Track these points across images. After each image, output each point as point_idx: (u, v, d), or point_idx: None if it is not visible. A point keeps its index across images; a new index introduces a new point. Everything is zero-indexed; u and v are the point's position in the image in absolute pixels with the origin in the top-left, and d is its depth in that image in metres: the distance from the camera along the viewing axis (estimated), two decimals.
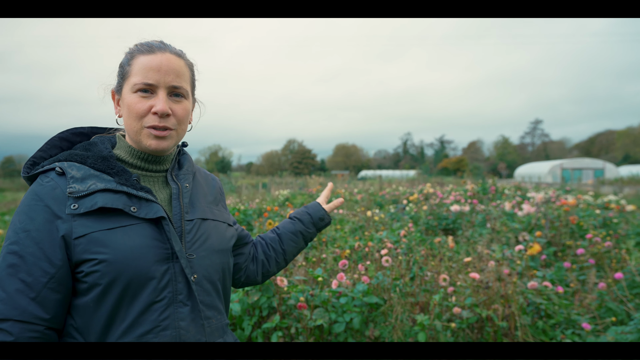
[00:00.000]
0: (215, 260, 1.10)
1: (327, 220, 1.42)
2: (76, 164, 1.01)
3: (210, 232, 1.11)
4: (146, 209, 0.99)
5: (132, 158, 1.09)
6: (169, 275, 0.99)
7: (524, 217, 5.88)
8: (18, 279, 0.90)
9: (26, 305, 0.90)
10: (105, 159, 1.03)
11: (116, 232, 0.95)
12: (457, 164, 59.79)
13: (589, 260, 3.44)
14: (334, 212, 9.80)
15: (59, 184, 0.97)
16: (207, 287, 1.06)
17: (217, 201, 1.22)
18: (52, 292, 0.92)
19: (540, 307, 2.78)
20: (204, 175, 1.26)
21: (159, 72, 1.02)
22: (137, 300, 0.95)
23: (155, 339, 0.96)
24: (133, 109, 1.02)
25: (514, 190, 13.13)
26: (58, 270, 0.92)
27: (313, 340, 2.74)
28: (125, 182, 1.00)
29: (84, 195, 0.95)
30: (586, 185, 23.38)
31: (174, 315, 0.99)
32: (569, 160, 39.61)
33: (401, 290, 2.91)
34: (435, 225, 7.35)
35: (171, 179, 1.12)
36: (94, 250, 0.93)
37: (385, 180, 24.50)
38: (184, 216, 1.06)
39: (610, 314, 2.87)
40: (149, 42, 1.07)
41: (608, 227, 5.64)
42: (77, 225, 0.93)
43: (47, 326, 0.92)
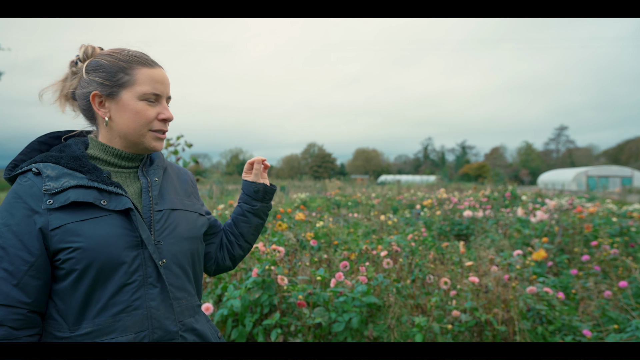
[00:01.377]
0: (184, 246, 1.20)
1: (259, 187, 1.41)
2: (51, 164, 1.11)
3: (179, 221, 1.21)
4: (115, 202, 1.09)
5: (107, 155, 1.19)
6: (139, 260, 1.09)
7: (538, 223, 5.81)
8: (1, 268, 1.01)
9: (9, 291, 1.00)
10: (77, 158, 1.14)
11: (88, 222, 1.05)
12: (478, 169, 58.91)
13: (595, 267, 3.39)
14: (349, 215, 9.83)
15: (35, 182, 1.08)
16: (176, 271, 1.17)
17: (188, 193, 1.32)
18: (32, 278, 1.03)
19: (541, 312, 2.77)
20: (176, 170, 1.37)
21: (163, 84, 1.18)
22: (110, 282, 1.06)
23: (128, 317, 1.07)
24: (143, 115, 1.15)
25: (534, 197, 12.91)
26: (37, 259, 1.03)
27: (312, 338, 2.79)
28: (96, 178, 1.11)
29: (58, 191, 1.06)
30: (612, 193, 22.76)
31: (144, 295, 1.09)
32: (594, 168, 38.58)
33: (400, 292, 2.94)
34: (448, 230, 7.32)
35: (142, 174, 1.23)
36: (69, 240, 1.03)
37: (405, 185, 24.37)
38: (153, 207, 1.17)
39: (613, 322, 2.84)
40: (142, 55, 1.18)
41: (625, 235, 5.52)
42: (53, 218, 1.04)
43: (29, 309, 1.03)
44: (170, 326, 1.13)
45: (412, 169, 76.62)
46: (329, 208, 12.90)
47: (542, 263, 3.91)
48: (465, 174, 59.30)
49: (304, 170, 67.86)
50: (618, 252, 3.61)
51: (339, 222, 8.55)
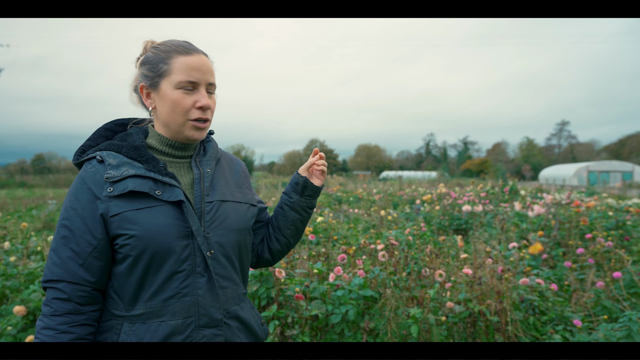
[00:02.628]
0: (232, 238, 1.23)
1: (300, 180, 1.40)
2: (113, 152, 1.18)
3: (228, 212, 1.24)
4: (169, 193, 1.15)
5: (162, 145, 1.24)
6: (188, 250, 1.14)
7: (535, 217, 5.85)
8: (69, 248, 1.10)
9: (76, 270, 1.10)
10: (137, 148, 1.20)
11: (143, 212, 1.11)
12: (480, 165, 58.82)
13: (589, 259, 3.44)
14: (350, 211, 9.88)
15: (99, 170, 1.15)
16: (223, 261, 1.21)
17: (239, 184, 1.35)
18: (95, 260, 1.12)
19: (534, 303, 2.83)
20: (229, 160, 1.39)
21: (200, 71, 1.18)
22: (162, 269, 1.12)
23: (177, 303, 1.14)
24: (179, 104, 1.17)
25: (534, 192, 12.93)
26: (99, 242, 1.12)
27: (308, 330, 2.85)
28: (153, 168, 1.16)
29: (118, 180, 1.13)
30: (612, 188, 22.75)
31: (193, 284, 1.15)
32: (596, 163, 38.52)
33: (396, 285, 2.99)
34: (447, 225, 7.37)
35: (195, 164, 1.26)
36: (126, 227, 1.10)
37: (407, 181, 24.39)
38: (204, 198, 1.21)
39: (606, 312, 2.89)
40: (182, 44, 1.21)
41: (621, 229, 5.56)
42: (113, 205, 1.11)
43: (92, 287, 1.12)
44: (216, 314, 1.19)
45: (414, 165, 76.51)
46: (330, 204, 12.96)
47: (538, 256, 3.96)
48: (467, 169, 59.21)
49: None
50: (612, 244, 3.66)
51: (339, 217, 8.60)
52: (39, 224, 10.09)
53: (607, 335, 2.39)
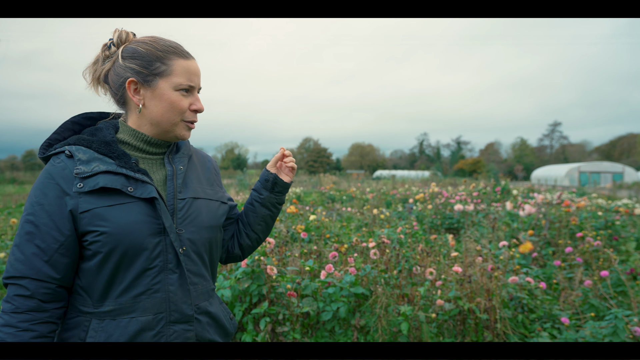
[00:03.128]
0: (204, 235, 1.24)
1: (270, 177, 1.41)
2: (83, 147, 1.15)
3: (200, 209, 1.24)
4: (141, 189, 1.13)
5: (136, 141, 1.22)
6: (160, 247, 1.14)
7: (526, 217, 5.90)
8: (34, 244, 1.08)
9: (40, 267, 1.07)
10: (108, 143, 1.17)
11: (115, 208, 1.10)
12: (473, 165, 59.13)
13: (577, 258, 3.48)
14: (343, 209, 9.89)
15: (67, 165, 1.12)
16: (194, 258, 1.21)
17: (211, 181, 1.35)
18: (61, 256, 1.10)
19: (523, 301, 2.86)
20: (200, 157, 1.39)
21: (197, 76, 1.22)
22: (133, 266, 1.11)
23: (148, 299, 1.13)
24: (178, 105, 1.19)
25: (526, 191, 13.04)
26: (67, 238, 1.09)
27: (299, 327, 2.86)
28: (125, 164, 1.14)
29: (88, 175, 1.10)
30: (603, 188, 22.97)
31: (164, 280, 1.15)
32: (587, 164, 38.89)
33: (387, 283, 3.01)
34: (439, 224, 7.41)
35: (167, 161, 1.25)
36: (96, 224, 1.09)
37: (400, 180, 24.46)
38: (176, 195, 1.20)
39: (593, 310, 2.93)
40: (178, 47, 1.22)
41: (610, 228, 5.63)
42: (82, 201, 1.09)
43: (58, 284, 1.10)
44: (187, 310, 1.19)
45: (407, 164, 76.74)
46: (323, 202, 12.97)
47: (528, 255, 4.00)
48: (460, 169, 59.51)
49: (300, 164, 67.77)
50: (601, 244, 3.70)
51: (332, 215, 8.62)
52: None
53: (593, 332, 2.43)
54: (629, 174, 36.62)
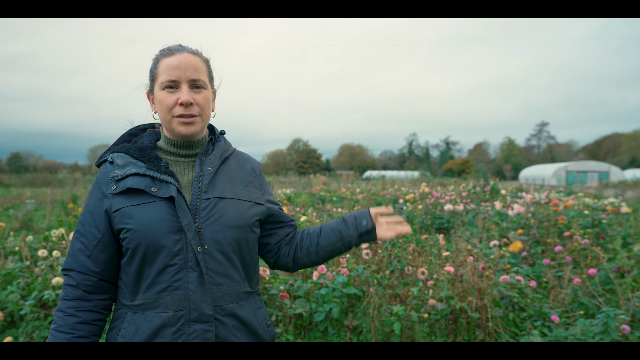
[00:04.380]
0: (229, 234, 1.25)
1: (368, 225, 1.37)
2: (122, 154, 1.28)
3: (226, 209, 1.26)
4: (164, 190, 1.21)
5: (167, 145, 1.33)
6: (180, 245, 1.19)
7: (515, 216, 5.97)
8: (79, 241, 1.24)
9: (83, 261, 1.22)
10: (142, 149, 1.29)
11: (140, 207, 1.19)
12: (462, 165, 59.60)
13: (566, 257, 3.53)
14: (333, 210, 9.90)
15: (108, 170, 1.26)
16: (218, 257, 1.22)
17: (245, 182, 1.35)
18: (100, 252, 1.23)
19: (513, 300, 2.89)
20: (239, 159, 1.41)
21: (179, 69, 1.23)
22: (155, 263, 1.19)
23: (169, 296, 1.19)
24: (163, 103, 1.25)
25: (514, 191, 13.17)
26: (103, 235, 1.23)
27: (292, 328, 2.86)
28: (154, 167, 1.24)
29: (120, 178, 1.22)
30: (590, 188, 23.32)
31: (184, 278, 1.19)
32: (573, 163, 39.43)
33: (380, 283, 3.02)
34: (429, 224, 7.45)
35: (199, 163, 1.30)
36: (125, 222, 1.19)
37: (389, 180, 24.56)
38: (201, 195, 1.25)
39: (582, 308, 2.97)
40: (169, 47, 1.29)
41: (597, 227, 5.72)
42: (115, 202, 1.21)
43: (98, 278, 1.23)
44: (206, 309, 1.20)
45: (397, 164, 77.06)
46: (313, 203, 12.97)
47: (518, 254, 4.05)
48: (449, 169, 59.92)
49: (289, 165, 67.73)
50: (589, 242, 3.76)
51: (322, 216, 8.62)
52: (16, 223, 9.85)
53: (584, 330, 2.46)
54: (614, 173, 37.22)
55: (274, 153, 75.00)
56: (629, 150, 55.46)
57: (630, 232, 5.87)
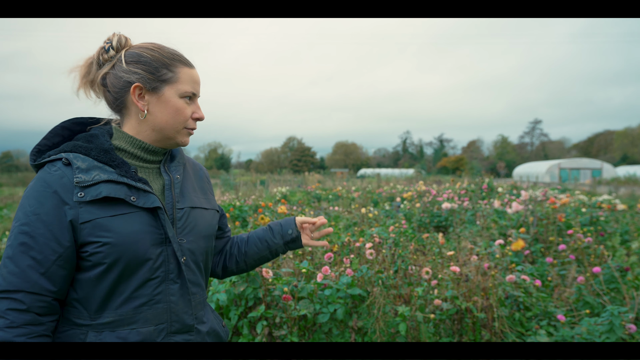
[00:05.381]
0: (202, 244, 1.24)
1: (294, 234, 1.41)
2: (81, 155, 1.11)
3: (198, 219, 1.24)
4: (144, 199, 1.11)
5: (133, 148, 1.19)
6: (162, 257, 1.13)
7: (513, 214, 5.97)
8: (29, 257, 1.03)
9: (36, 279, 1.03)
10: (106, 151, 1.14)
11: (118, 218, 1.07)
12: (456, 162, 59.85)
13: (570, 255, 3.52)
14: (330, 209, 9.87)
15: (65, 173, 1.08)
16: (193, 267, 1.21)
17: (204, 190, 1.34)
18: (59, 268, 1.06)
19: (519, 299, 2.87)
20: (192, 166, 1.38)
21: (199, 85, 1.23)
22: (135, 277, 1.10)
23: (150, 310, 1.11)
24: (182, 112, 1.18)
25: (509, 189, 13.22)
26: (65, 250, 1.06)
27: (297, 330, 2.82)
28: (125, 173, 1.12)
29: (89, 185, 1.07)
30: (583, 185, 23.48)
31: (165, 290, 1.14)
32: (567, 160, 39.71)
33: (384, 283, 2.99)
34: (427, 222, 7.44)
35: (164, 170, 1.24)
36: (98, 234, 1.06)
37: (384, 178, 24.56)
38: (175, 205, 1.19)
39: (587, 306, 2.96)
40: (181, 54, 1.22)
41: (595, 225, 5.73)
42: (83, 211, 1.06)
43: (54, 297, 1.06)
44: (188, 320, 1.18)
45: (391, 162, 77.22)
46: (309, 202, 12.94)
47: (519, 252, 4.04)
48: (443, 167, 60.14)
49: (284, 164, 67.63)
50: (592, 240, 3.75)
51: (320, 215, 8.59)
52: (9, 224, 9.72)
53: (589, 329, 2.45)
54: (607, 170, 37.53)
55: (268, 151, 74.86)
56: (621, 147, 55.97)
57: (628, 229, 5.89)
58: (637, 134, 55.47)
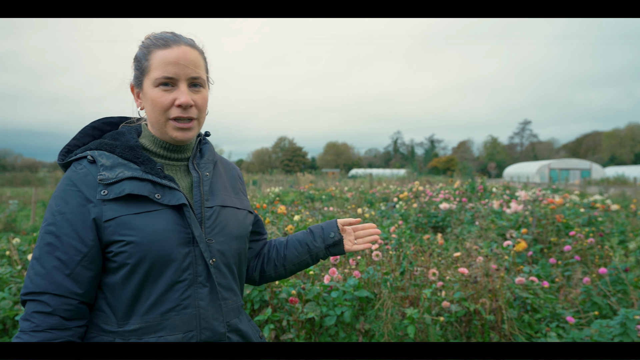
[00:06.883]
0: (233, 245, 1.16)
1: (336, 237, 1.32)
2: (106, 152, 1.08)
3: (229, 219, 1.16)
4: (169, 196, 1.06)
5: (156, 147, 1.15)
6: (190, 258, 1.06)
7: (512, 215, 5.98)
8: (54, 257, 0.99)
9: (62, 281, 0.99)
10: (132, 148, 1.10)
11: (142, 216, 1.02)
12: (447, 163, 60.19)
13: (574, 256, 3.52)
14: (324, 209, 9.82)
15: (90, 171, 1.04)
16: (224, 270, 1.13)
17: (236, 189, 1.27)
18: (84, 269, 1.01)
19: (527, 301, 2.85)
20: (225, 164, 1.31)
21: (177, 65, 1.06)
22: (161, 279, 1.03)
23: (177, 316, 1.04)
24: (157, 102, 1.07)
25: (502, 189, 13.29)
26: (90, 249, 1.01)
27: (304, 334, 2.77)
28: (150, 170, 1.07)
29: (113, 182, 1.03)
30: (573, 185, 23.72)
31: (194, 295, 1.06)
32: (556, 161, 40.13)
33: (391, 285, 2.96)
34: (424, 222, 7.43)
35: (192, 167, 1.17)
36: (122, 233, 1.00)
37: (376, 178, 24.59)
38: (204, 203, 1.12)
39: (594, 308, 2.95)
40: (163, 36, 1.10)
41: (593, 225, 5.76)
42: (107, 209, 1.01)
43: (80, 300, 1.01)
44: (219, 327, 1.10)
45: (382, 162, 77.48)
46: (303, 202, 12.87)
47: (522, 253, 4.03)
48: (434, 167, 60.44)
49: (275, 164, 67.46)
50: (594, 241, 3.75)
51: (315, 215, 8.54)
52: None
53: (601, 331, 2.43)
54: (596, 171, 37.99)
55: (259, 151, 74.63)
56: (609, 148, 56.75)
57: (624, 229, 5.94)
58: (624, 135, 56.29)
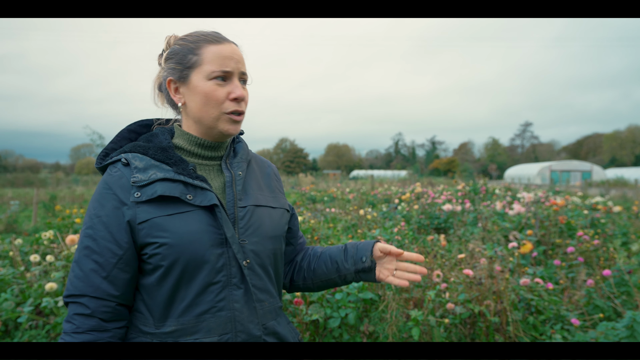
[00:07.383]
0: (268, 246, 1.14)
1: (367, 263, 1.19)
2: (139, 155, 1.09)
3: (263, 218, 1.15)
4: (201, 197, 1.05)
5: (191, 145, 1.15)
6: (223, 259, 1.05)
7: (515, 216, 5.96)
8: (92, 260, 1.02)
9: (99, 284, 1.01)
10: (164, 149, 1.11)
11: (175, 217, 1.03)
12: (448, 164, 60.20)
13: (579, 258, 3.51)
14: (326, 210, 9.81)
15: (124, 173, 1.06)
16: (259, 271, 1.11)
17: (272, 188, 1.25)
18: (121, 271, 1.03)
19: (531, 303, 2.84)
20: (259, 162, 1.29)
21: (232, 59, 1.09)
22: (195, 281, 1.03)
23: (212, 318, 1.04)
24: (212, 95, 1.08)
25: (504, 190, 13.28)
26: (125, 252, 1.03)
27: (308, 335, 2.76)
28: (182, 171, 1.07)
29: (146, 184, 1.04)
30: (574, 187, 23.70)
31: (229, 297, 1.06)
32: (557, 163, 40.11)
33: (395, 286, 2.94)
34: (427, 224, 7.42)
35: (225, 167, 1.17)
36: (156, 235, 1.01)
37: (377, 180, 24.59)
38: (236, 203, 1.11)
39: (598, 310, 2.94)
40: (211, 32, 1.12)
41: (596, 226, 5.75)
42: (140, 211, 1.02)
43: (118, 302, 1.03)
44: (254, 330, 1.08)
45: (383, 164, 77.50)
46: (304, 203, 12.86)
47: (527, 255, 4.02)
48: (435, 168, 60.43)
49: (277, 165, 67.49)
50: (599, 242, 3.74)
51: (317, 217, 8.52)
52: (0, 226, 9.52)
53: (607, 333, 2.42)
54: (596, 172, 37.97)
55: (260, 152, 74.64)
56: (610, 150, 56.73)
57: (626, 231, 5.92)
58: (625, 137, 56.26)
